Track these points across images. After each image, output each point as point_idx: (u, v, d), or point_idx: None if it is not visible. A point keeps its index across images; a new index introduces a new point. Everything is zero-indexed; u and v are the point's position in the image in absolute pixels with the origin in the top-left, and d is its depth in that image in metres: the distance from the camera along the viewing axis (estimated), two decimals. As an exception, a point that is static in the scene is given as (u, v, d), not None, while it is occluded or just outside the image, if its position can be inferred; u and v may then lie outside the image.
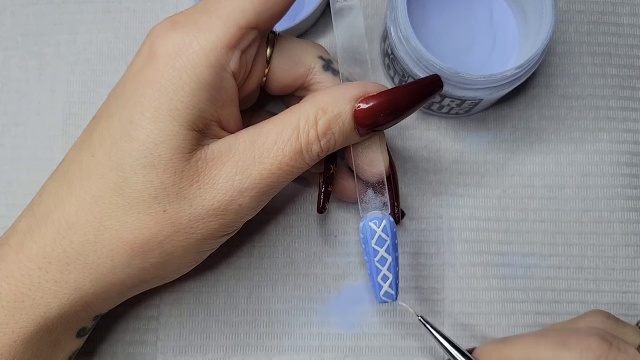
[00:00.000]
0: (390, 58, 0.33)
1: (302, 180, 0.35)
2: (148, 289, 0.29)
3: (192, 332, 0.33)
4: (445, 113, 0.35)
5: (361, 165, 0.28)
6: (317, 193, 0.34)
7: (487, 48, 0.35)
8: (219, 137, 0.26)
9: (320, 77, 0.28)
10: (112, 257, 0.25)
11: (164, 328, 0.33)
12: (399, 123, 0.35)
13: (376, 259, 0.27)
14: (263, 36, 0.28)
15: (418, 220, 0.35)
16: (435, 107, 0.34)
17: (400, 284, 0.34)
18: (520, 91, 0.36)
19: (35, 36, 0.37)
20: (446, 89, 0.31)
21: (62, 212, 0.25)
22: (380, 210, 0.28)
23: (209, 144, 0.25)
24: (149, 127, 0.24)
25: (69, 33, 0.37)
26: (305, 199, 0.35)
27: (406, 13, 0.30)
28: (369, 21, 0.37)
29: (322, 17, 0.37)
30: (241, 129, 0.26)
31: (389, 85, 0.37)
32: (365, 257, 0.28)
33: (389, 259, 0.27)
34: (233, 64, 0.25)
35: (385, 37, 0.33)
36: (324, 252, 0.35)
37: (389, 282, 0.27)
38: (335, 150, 0.26)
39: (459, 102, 0.32)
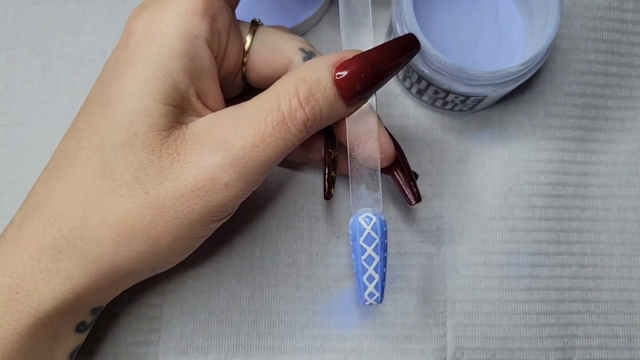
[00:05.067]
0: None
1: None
2: (139, 280, 0.27)
3: (194, 333, 0.32)
4: (450, 109, 0.34)
5: (357, 150, 0.26)
6: (320, 193, 0.33)
7: (493, 45, 0.33)
8: (201, 116, 0.24)
9: None
10: (98, 243, 0.23)
11: (166, 328, 0.32)
12: (402, 123, 0.34)
13: (363, 257, 0.25)
14: (233, 6, 0.27)
15: (419, 220, 0.33)
16: (439, 103, 0.33)
17: (402, 285, 0.32)
18: (525, 88, 0.34)
19: (38, 36, 0.35)
20: (450, 84, 0.30)
21: (52, 200, 0.24)
22: (372, 207, 0.26)
23: (188, 123, 0.24)
24: (123, 105, 0.23)
25: (73, 33, 0.35)
26: (306, 199, 0.33)
27: (412, 8, 0.29)
28: (373, 19, 0.35)
29: (326, 17, 0.35)
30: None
31: (393, 80, 0.35)
32: (353, 255, 0.26)
33: (376, 258, 0.25)
34: (204, 31, 0.24)
35: (390, 32, 0.32)
36: (326, 253, 0.33)
37: (374, 283, 0.25)
38: (324, 122, 0.24)
39: (463, 98, 0.31)
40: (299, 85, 0.23)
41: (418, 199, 0.28)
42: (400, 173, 0.29)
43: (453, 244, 0.33)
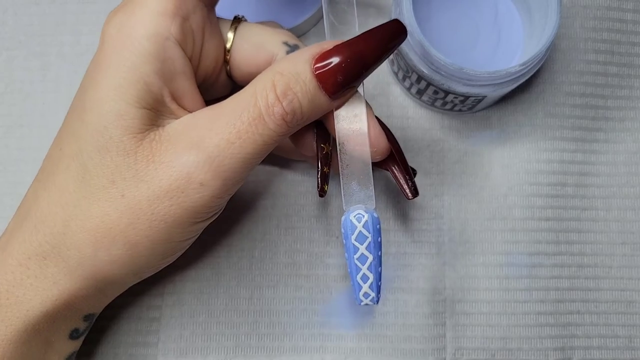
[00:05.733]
0: (394, 54, 0.32)
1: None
2: (126, 286, 0.27)
3: (194, 334, 0.31)
4: (449, 110, 0.33)
5: (346, 145, 0.25)
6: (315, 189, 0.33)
7: (492, 45, 0.33)
8: (177, 117, 0.24)
9: None
10: (78, 248, 0.23)
11: (165, 330, 0.31)
12: (401, 123, 0.34)
13: (356, 256, 0.24)
14: (209, 4, 0.26)
15: (419, 220, 0.33)
16: (438, 103, 0.33)
17: (402, 285, 0.32)
18: (524, 88, 0.34)
19: (38, 37, 0.35)
20: (450, 85, 0.29)
21: (38, 207, 0.24)
22: (365, 203, 0.25)
23: (165, 125, 0.23)
24: (97, 109, 0.23)
25: (72, 34, 0.35)
26: (306, 200, 0.33)
27: (411, 8, 0.29)
28: (372, 19, 0.35)
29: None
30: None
31: (392, 80, 0.35)
32: (346, 254, 0.25)
33: (370, 257, 0.24)
34: (175, 31, 0.23)
35: None
36: (326, 253, 0.32)
37: (369, 282, 0.24)
38: (306, 116, 0.23)
39: (462, 98, 0.31)
40: (277, 80, 0.23)
41: (415, 193, 0.27)
42: (396, 167, 0.28)
43: (453, 244, 0.33)
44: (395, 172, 0.28)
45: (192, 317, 0.32)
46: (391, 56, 0.33)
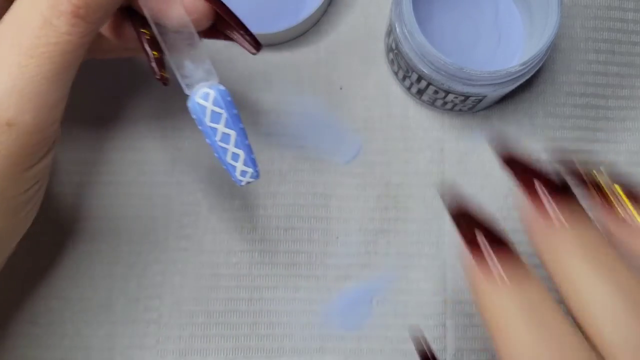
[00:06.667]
0: (394, 53, 0.32)
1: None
2: None
3: (192, 335, 0.31)
4: (449, 109, 0.33)
5: (161, 19, 0.21)
6: (319, 194, 0.33)
7: (492, 44, 0.33)
8: None
9: None
10: None
11: (163, 331, 0.31)
12: (402, 123, 0.34)
13: (217, 138, 0.22)
14: None
15: (418, 221, 0.33)
16: (439, 103, 0.32)
17: (402, 286, 0.32)
18: (525, 88, 0.34)
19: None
20: (450, 84, 0.29)
21: None
22: (207, 80, 0.22)
23: None
24: None
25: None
26: (305, 200, 0.33)
27: (411, 8, 0.28)
28: (372, 19, 0.35)
29: (325, 16, 0.35)
30: None
31: (392, 80, 0.34)
32: (207, 141, 0.22)
33: (232, 133, 0.22)
34: None
35: (389, 32, 0.32)
36: (325, 254, 0.32)
37: (241, 159, 0.22)
38: (103, 4, 0.20)
39: (462, 98, 0.31)
40: None
41: (257, 45, 0.24)
42: (229, 30, 0.24)
43: (453, 245, 0.33)
44: (230, 34, 0.24)
45: (191, 318, 0.31)
46: (391, 56, 0.33)
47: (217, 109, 0.22)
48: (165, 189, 0.32)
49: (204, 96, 0.22)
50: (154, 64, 0.23)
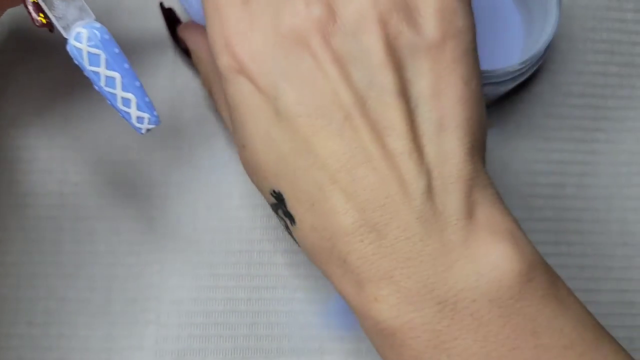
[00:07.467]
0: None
1: None
2: None
3: (191, 336, 0.31)
4: (448, 110, 0.33)
5: None
6: None
7: (491, 43, 0.33)
8: None
9: None
10: None
11: (162, 332, 0.31)
12: None
13: (102, 83, 0.20)
14: None
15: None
16: (437, 104, 0.33)
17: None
18: (523, 88, 0.34)
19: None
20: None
21: None
22: (82, 19, 0.20)
23: None
24: None
25: (70, 34, 0.35)
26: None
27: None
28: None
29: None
30: None
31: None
32: (96, 88, 0.20)
33: (116, 75, 0.20)
34: None
35: None
36: (325, 254, 0.33)
37: (133, 104, 0.21)
38: None
39: (461, 98, 0.31)
40: None
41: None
42: None
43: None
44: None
45: (190, 318, 0.31)
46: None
47: (94, 50, 0.20)
48: (164, 189, 0.32)
49: (77, 37, 0.20)
50: (30, 10, 0.21)
